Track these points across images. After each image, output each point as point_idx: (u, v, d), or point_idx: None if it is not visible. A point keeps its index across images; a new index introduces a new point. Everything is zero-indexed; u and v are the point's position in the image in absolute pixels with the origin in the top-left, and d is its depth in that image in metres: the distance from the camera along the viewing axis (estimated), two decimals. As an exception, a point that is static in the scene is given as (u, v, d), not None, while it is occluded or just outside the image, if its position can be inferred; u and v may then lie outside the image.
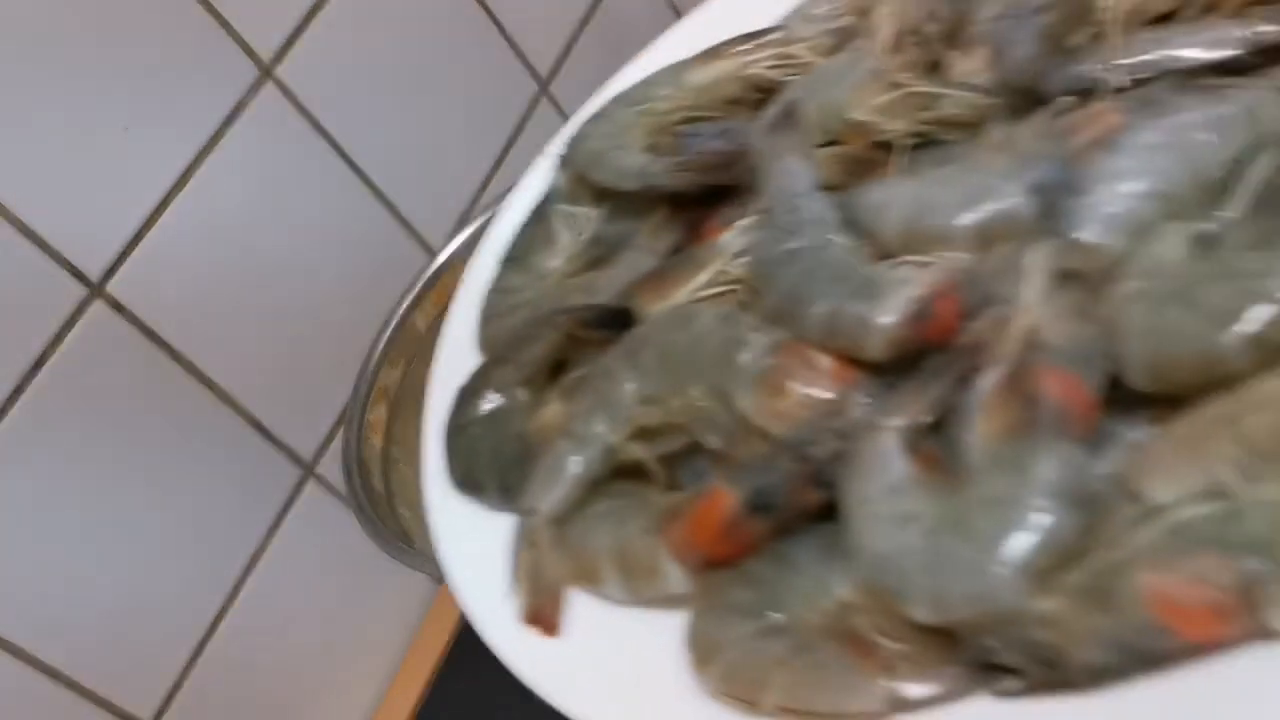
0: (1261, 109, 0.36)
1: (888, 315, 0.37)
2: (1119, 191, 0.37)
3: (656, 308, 0.43)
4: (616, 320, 0.44)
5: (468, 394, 0.46)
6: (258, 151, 0.76)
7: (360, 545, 0.65)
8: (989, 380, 0.34)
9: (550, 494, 0.41)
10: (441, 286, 0.79)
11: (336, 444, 0.80)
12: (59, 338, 0.67)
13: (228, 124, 0.75)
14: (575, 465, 0.41)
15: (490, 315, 0.49)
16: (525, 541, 0.41)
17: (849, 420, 0.36)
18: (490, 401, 0.45)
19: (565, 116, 0.94)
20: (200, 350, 0.73)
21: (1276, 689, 0.28)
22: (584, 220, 0.50)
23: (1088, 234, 0.37)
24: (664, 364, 0.41)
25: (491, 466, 0.43)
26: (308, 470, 0.79)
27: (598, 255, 0.50)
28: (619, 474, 0.42)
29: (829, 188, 0.43)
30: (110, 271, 0.69)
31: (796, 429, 0.37)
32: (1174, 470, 0.31)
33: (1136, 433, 0.34)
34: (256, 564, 0.76)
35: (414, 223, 0.87)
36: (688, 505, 0.38)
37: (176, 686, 0.72)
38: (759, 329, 0.40)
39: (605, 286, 0.46)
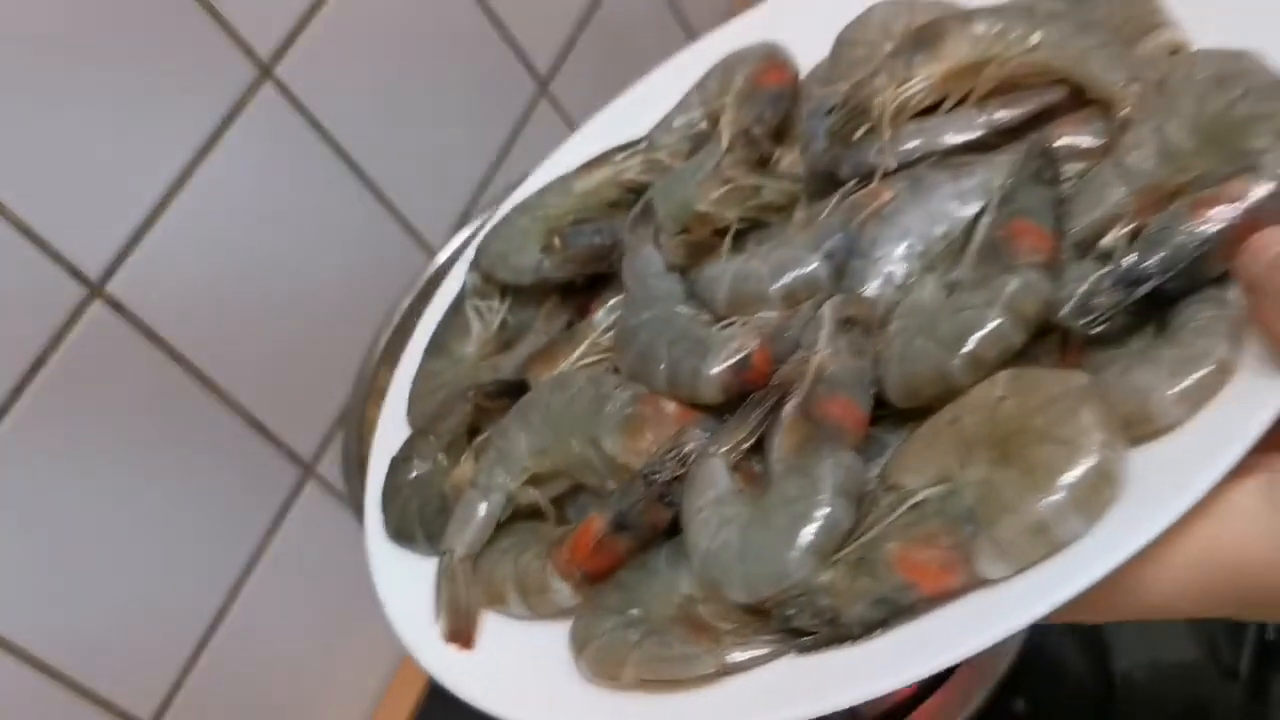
0: (992, 179, 0.46)
1: (716, 367, 0.47)
2: (889, 253, 0.46)
3: (545, 376, 0.53)
4: (514, 390, 0.53)
5: (398, 463, 0.55)
6: (257, 151, 0.76)
7: (360, 545, 0.68)
8: (789, 408, 0.44)
9: (463, 536, 0.50)
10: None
11: (336, 444, 0.80)
12: (59, 338, 0.66)
13: (227, 124, 0.74)
14: (482, 510, 0.50)
15: (416, 397, 0.58)
16: (445, 576, 0.50)
17: (687, 450, 0.45)
18: (416, 468, 0.54)
19: (565, 116, 0.97)
20: (200, 350, 0.73)
21: (986, 624, 0.36)
22: (493, 311, 0.59)
23: (867, 288, 0.46)
24: (548, 421, 0.50)
25: (418, 520, 0.52)
26: (308, 470, 0.80)
27: (505, 340, 0.59)
28: (520, 514, 0.51)
29: (680, 268, 0.53)
30: (110, 271, 0.69)
31: (648, 462, 0.46)
32: (917, 464, 0.40)
33: (898, 438, 0.43)
34: (256, 564, 0.76)
35: (413, 222, 0.86)
36: (569, 533, 0.47)
37: (176, 686, 0.72)
38: (621, 386, 0.49)
39: (507, 365, 0.55)
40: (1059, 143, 0.47)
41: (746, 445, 0.44)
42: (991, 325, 0.40)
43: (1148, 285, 0.39)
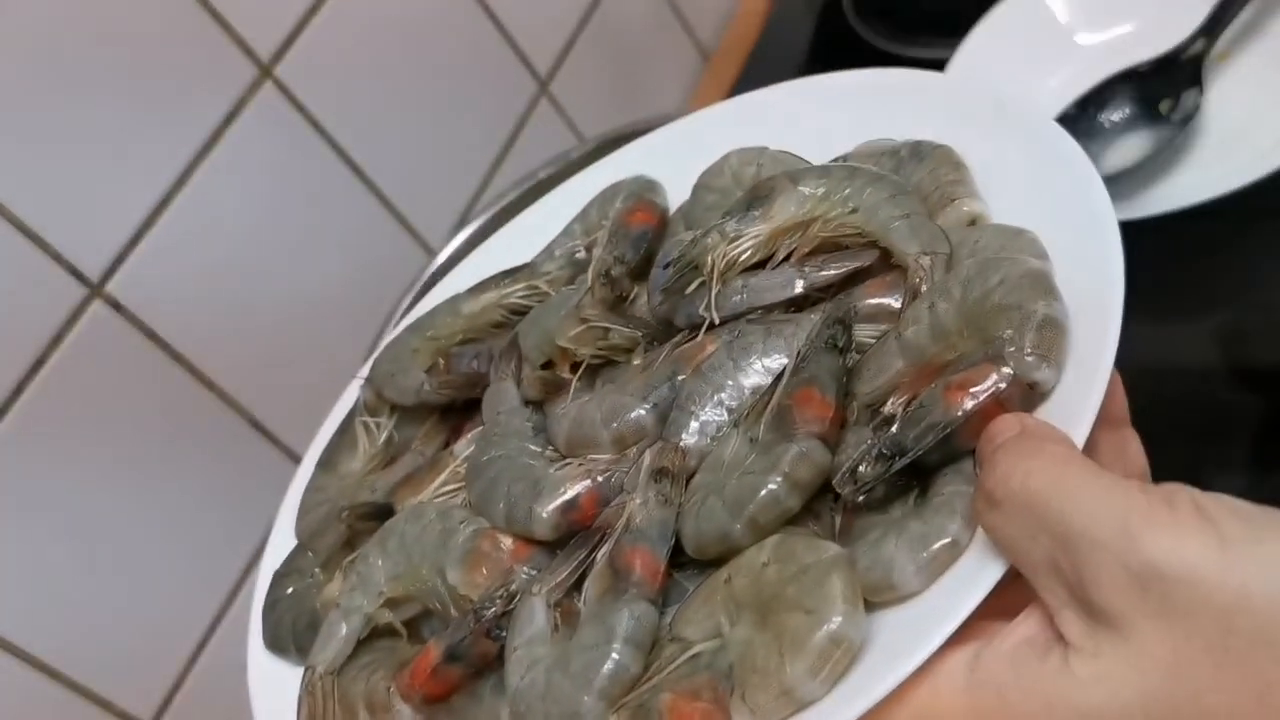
0: (798, 340, 0.50)
1: (547, 507, 0.51)
2: (703, 406, 0.51)
3: (408, 502, 0.57)
4: (381, 514, 0.58)
5: (278, 577, 0.60)
6: (257, 151, 0.76)
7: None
8: (601, 553, 0.48)
9: (325, 653, 0.54)
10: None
11: None
12: (59, 338, 0.66)
13: (227, 124, 0.74)
14: (343, 630, 0.54)
15: (303, 511, 0.62)
16: (306, 690, 0.54)
17: (514, 589, 0.50)
18: (293, 583, 0.59)
19: (565, 116, 0.96)
20: (200, 350, 0.72)
21: None
22: (380, 428, 0.64)
23: (683, 438, 0.50)
24: (403, 549, 0.54)
25: (291, 634, 0.57)
26: None
27: (390, 456, 0.63)
28: (380, 633, 0.55)
29: (535, 402, 0.57)
30: (110, 271, 0.68)
31: (480, 597, 0.50)
32: (696, 617, 0.45)
33: (697, 584, 0.47)
34: (256, 563, 0.73)
35: (414, 222, 0.86)
36: (412, 659, 0.52)
37: (176, 686, 0.72)
38: (466, 520, 0.53)
39: (382, 485, 0.60)
40: (870, 302, 0.51)
41: (567, 584, 0.49)
42: (767, 491, 0.45)
43: (904, 459, 0.43)
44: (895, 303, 0.50)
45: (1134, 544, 0.34)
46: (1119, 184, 0.85)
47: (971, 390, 0.43)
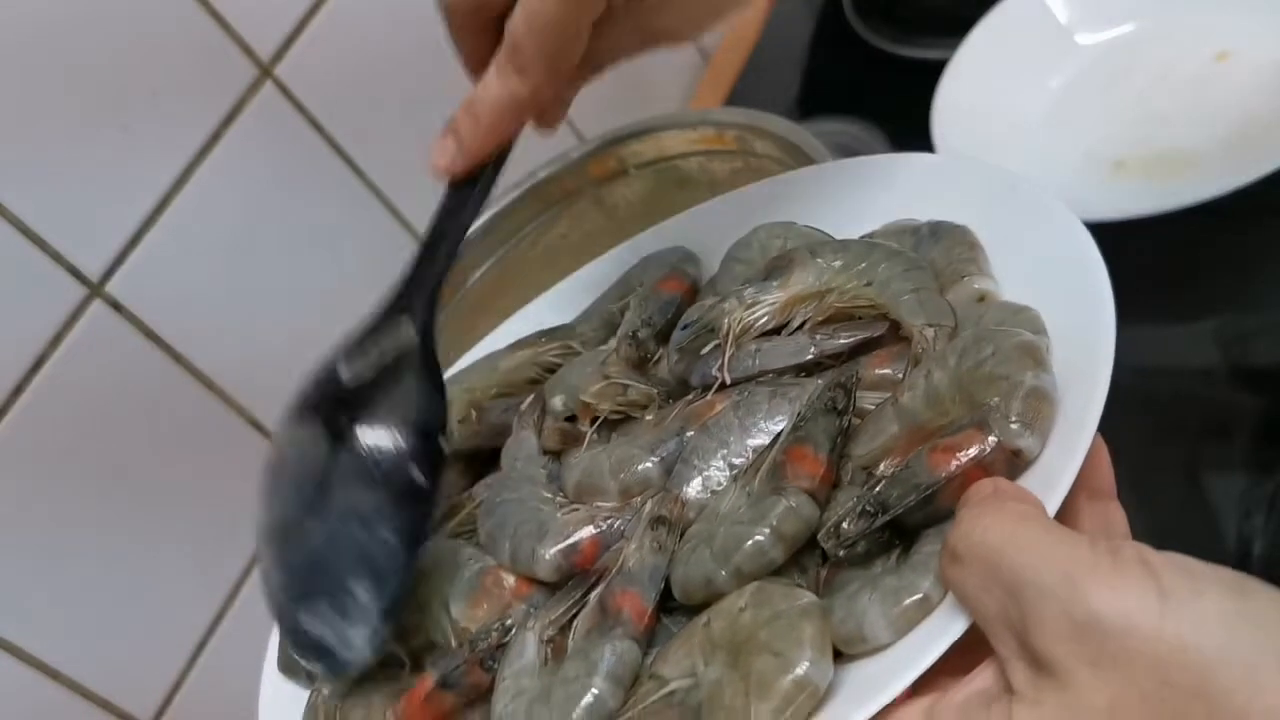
0: (801, 400, 0.52)
1: (550, 549, 0.53)
2: (707, 461, 0.52)
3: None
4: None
5: (298, 603, 0.62)
6: (257, 151, 0.75)
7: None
8: (595, 594, 0.50)
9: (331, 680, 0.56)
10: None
11: None
12: (59, 338, 0.66)
13: (227, 124, 0.74)
14: (350, 657, 0.57)
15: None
16: (309, 711, 0.56)
17: (510, 623, 0.52)
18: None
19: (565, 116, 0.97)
20: (200, 350, 0.73)
21: None
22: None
23: (685, 490, 0.52)
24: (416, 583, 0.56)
25: (303, 659, 0.59)
26: None
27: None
28: (386, 662, 0.57)
29: (553, 453, 0.59)
30: (110, 271, 0.69)
31: (477, 629, 0.52)
32: (675, 657, 0.46)
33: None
34: (256, 564, 0.71)
35: (413, 222, 0.86)
36: (411, 685, 0.53)
37: (176, 686, 0.72)
38: (474, 558, 0.55)
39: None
40: (876, 372, 0.53)
41: (561, 621, 0.50)
42: (754, 542, 0.46)
43: (886, 516, 0.44)
44: (899, 374, 0.52)
45: (1076, 593, 0.35)
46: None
47: (956, 454, 0.44)
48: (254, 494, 0.69)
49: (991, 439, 0.44)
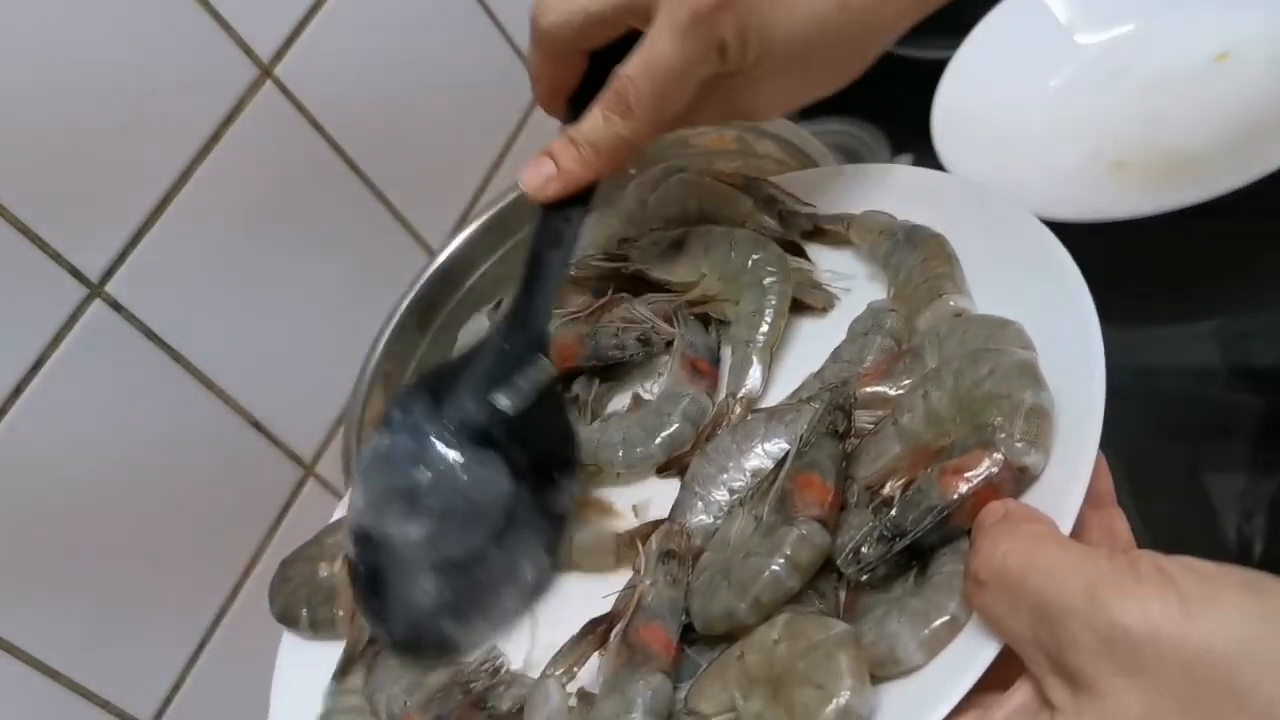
0: (799, 426, 0.52)
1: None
2: (708, 487, 0.53)
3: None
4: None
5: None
6: (257, 151, 0.76)
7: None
8: (614, 634, 0.50)
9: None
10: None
11: (336, 444, 0.81)
12: (59, 337, 0.67)
13: (226, 124, 0.74)
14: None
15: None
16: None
17: (498, 664, 0.53)
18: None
19: None
20: (200, 350, 0.73)
21: None
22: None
23: (688, 518, 0.53)
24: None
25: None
26: (308, 470, 0.80)
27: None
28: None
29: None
30: (110, 271, 0.69)
31: (467, 671, 0.53)
32: (710, 692, 0.47)
33: (708, 659, 0.49)
34: (256, 564, 0.77)
35: (414, 222, 0.86)
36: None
37: (176, 687, 0.72)
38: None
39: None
40: (868, 390, 0.53)
41: (578, 668, 0.51)
42: (770, 573, 0.47)
43: (904, 540, 0.45)
44: (891, 391, 0.53)
45: (1101, 608, 0.37)
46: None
47: (965, 475, 0.45)
48: (254, 493, 0.74)
49: (998, 457, 0.45)
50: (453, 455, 0.56)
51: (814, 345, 0.58)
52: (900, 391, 0.52)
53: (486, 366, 0.58)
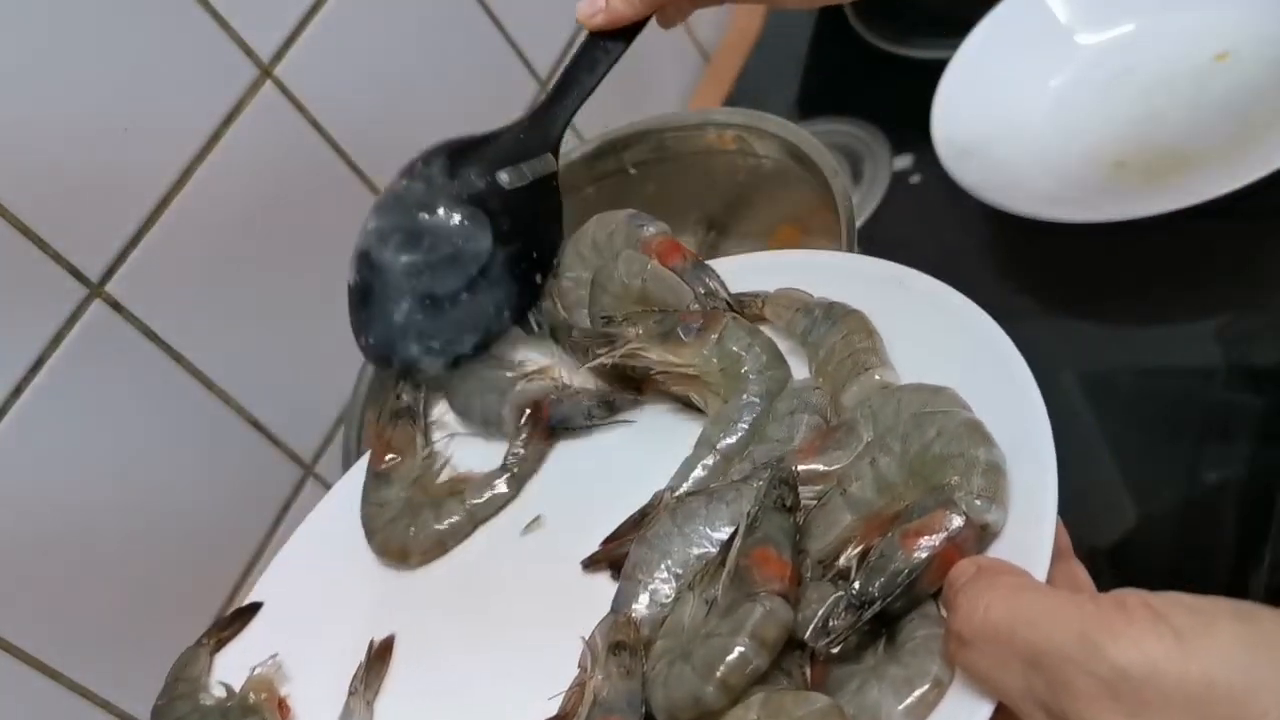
0: (741, 505, 0.51)
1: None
2: (651, 574, 0.52)
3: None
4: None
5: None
6: (257, 151, 0.76)
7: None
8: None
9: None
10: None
11: (336, 444, 0.81)
12: (59, 337, 0.67)
13: (227, 124, 0.74)
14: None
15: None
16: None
17: None
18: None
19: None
20: (200, 350, 0.74)
21: None
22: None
23: (634, 608, 0.51)
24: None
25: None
26: (308, 470, 0.80)
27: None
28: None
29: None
30: (110, 271, 0.69)
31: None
32: None
33: None
34: (256, 564, 0.76)
35: None
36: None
37: None
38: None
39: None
40: (803, 468, 0.52)
41: None
42: (737, 653, 0.45)
43: (874, 608, 0.45)
44: (827, 466, 0.52)
45: (1097, 651, 0.36)
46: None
47: (927, 536, 0.44)
48: (254, 493, 0.74)
49: (958, 517, 0.44)
50: (451, 207, 0.65)
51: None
52: (837, 466, 0.51)
53: (500, 148, 0.67)
